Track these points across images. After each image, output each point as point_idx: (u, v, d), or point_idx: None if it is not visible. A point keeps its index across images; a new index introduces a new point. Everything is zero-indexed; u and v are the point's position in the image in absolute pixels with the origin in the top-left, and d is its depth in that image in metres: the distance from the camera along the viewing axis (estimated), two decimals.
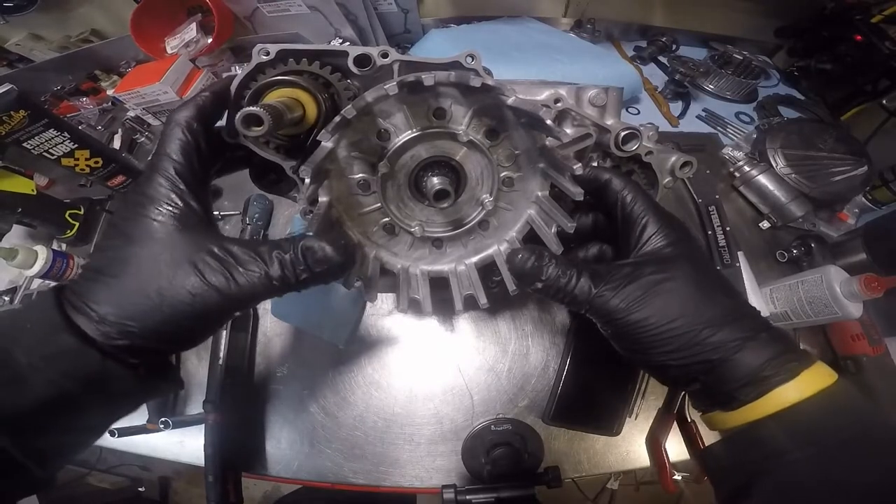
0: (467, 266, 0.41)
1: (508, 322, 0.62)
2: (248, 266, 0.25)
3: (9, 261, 0.58)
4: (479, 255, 0.41)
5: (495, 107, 0.34)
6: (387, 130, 0.35)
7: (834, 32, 0.76)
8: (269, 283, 0.25)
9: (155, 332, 0.24)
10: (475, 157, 0.37)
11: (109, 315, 0.24)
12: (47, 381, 0.22)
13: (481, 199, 0.38)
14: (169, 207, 0.26)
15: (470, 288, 0.40)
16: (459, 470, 0.56)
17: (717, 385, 0.26)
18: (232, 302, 0.25)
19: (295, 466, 0.57)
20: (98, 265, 0.25)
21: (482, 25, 0.90)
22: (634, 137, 0.37)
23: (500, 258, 0.40)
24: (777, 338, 0.25)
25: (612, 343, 0.29)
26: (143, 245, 0.25)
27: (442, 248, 0.41)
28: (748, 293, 0.60)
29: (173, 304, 0.24)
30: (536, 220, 0.38)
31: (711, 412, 0.28)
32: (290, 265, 0.26)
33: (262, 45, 0.31)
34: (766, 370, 0.24)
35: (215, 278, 0.25)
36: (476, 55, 0.33)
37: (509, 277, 0.37)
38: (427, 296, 0.40)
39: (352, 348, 0.61)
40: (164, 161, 0.27)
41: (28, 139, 0.61)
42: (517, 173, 0.38)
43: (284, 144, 0.33)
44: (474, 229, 0.40)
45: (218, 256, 0.25)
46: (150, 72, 0.78)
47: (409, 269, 0.41)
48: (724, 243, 0.62)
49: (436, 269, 0.41)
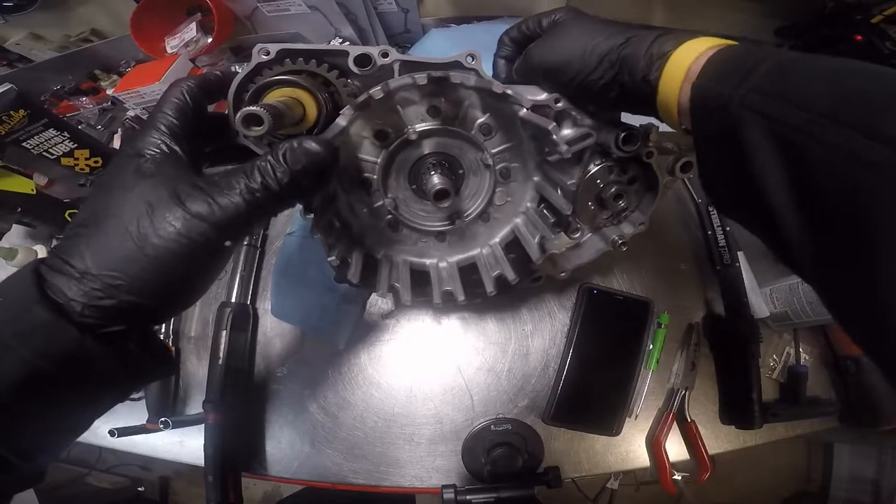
0: (449, 264, 0.42)
1: (508, 322, 0.62)
2: (230, 186, 0.24)
3: (8, 260, 0.58)
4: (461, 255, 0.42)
5: (486, 102, 0.34)
6: (383, 132, 0.35)
7: (834, 32, 0.76)
8: (252, 196, 0.24)
9: (142, 281, 0.23)
10: (471, 152, 0.37)
11: (92, 268, 0.22)
12: (20, 360, 0.20)
13: (481, 192, 0.39)
14: (153, 151, 0.25)
15: (450, 284, 0.41)
16: (459, 470, 0.56)
17: (631, 82, 0.29)
18: (219, 229, 0.24)
19: (295, 466, 0.57)
20: (80, 219, 0.24)
21: (482, 25, 0.90)
22: (635, 137, 0.37)
23: (483, 261, 0.41)
24: (654, 28, 0.29)
25: (553, 88, 0.35)
26: (124, 188, 0.24)
27: (445, 241, 0.42)
28: (748, 293, 0.60)
29: (157, 243, 0.23)
30: (522, 231, 0.40)
31: (648, 110, 0.31)
32: (270, 170, 0.25)
33: (262, 45, 0.31)
34: (654, 47, 0.28)
35: (196, 206, 0.23)
36: (476, 55, 0.33)
37: (489, 280, 0.39)
38: (407, 286, 0.40)
39: (352, 348, 0.61)
40: (157, 116, 0.26)
41: (28, 139, 0.61)
42: (514, 164, 0.39)
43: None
44: (475, 221, 0.41)
45: (200, 186, 0.24)
46: (149, 71, 0.78)
47: (393, 257, 0.42)
48: (724, 243, 0.62)
49: (419, 262, 0.42)
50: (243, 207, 0.24)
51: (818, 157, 0.19)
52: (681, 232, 0.67)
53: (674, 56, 0.27)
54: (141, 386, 0.31)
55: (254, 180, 0.24)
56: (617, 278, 0.64)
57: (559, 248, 0.47)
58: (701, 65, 0.25)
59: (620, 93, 0.30)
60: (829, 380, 0.62)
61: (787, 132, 0.20)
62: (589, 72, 0.31)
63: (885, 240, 0.17)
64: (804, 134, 0.20)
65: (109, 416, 0.59)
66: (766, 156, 0.21)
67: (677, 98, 0.26)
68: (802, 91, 0.20)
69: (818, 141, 0.19)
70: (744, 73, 0.22)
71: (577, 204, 0.40)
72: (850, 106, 0.19)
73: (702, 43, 0.26)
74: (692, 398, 0.59)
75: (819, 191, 0.20)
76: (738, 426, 0.57)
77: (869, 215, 0.18)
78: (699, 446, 0.57)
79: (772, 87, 0.21)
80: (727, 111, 0.23)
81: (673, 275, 0.65)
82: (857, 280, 0.19)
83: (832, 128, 0.19)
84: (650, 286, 0.64)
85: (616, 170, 0.40)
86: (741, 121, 0.22)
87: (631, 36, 0.29)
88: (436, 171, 0.36)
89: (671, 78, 0.27)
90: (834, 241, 0.20)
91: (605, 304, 0.60)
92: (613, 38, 0.30)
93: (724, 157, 0.24)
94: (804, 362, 0.62)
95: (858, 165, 0.18)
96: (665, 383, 0.60)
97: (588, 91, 0.32)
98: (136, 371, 0.25)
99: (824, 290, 0.22)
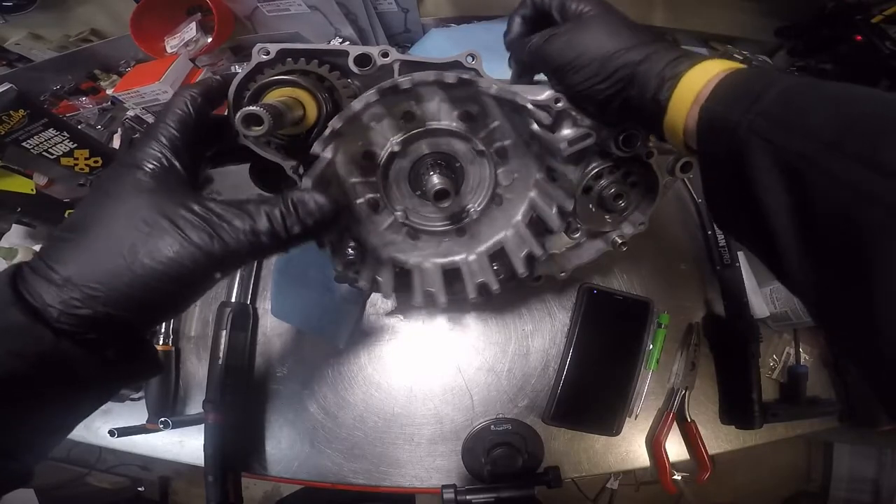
0: (478, 255, 0.42)
1: (508, 322, 0.62)
2: (233, 221, 0.24)
3: (8, 260, 0.58)
4: (487, 243, 0.42)
5: (479, 99, 0.34)
6: (380, 134, 0.35)
7: (834, 32, 0.76)
8: (256, 238, 0.24)
9: (124, 296, 0.22)
10: (469, 150, 0.38)
11: (73, 276, 0.22)
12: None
13: (481, 189, 0.39)
14: (153, 164, 0.25)
15: (482, 275, 0.41)
16: (459, 470, 0.56)
17: (640, 99, 0.29)
18: (214, 262, 0.24)
19: (295, 466, 0.57)
20: (69, 223, 0.24)
21: (482, 25, 0.90)
22: (635, 137, 0.37)
23: (509, 243, 0.41)
24: (674, 48, 0.29)
25: (557, 84, 0.34)
26: (120, 200, 0.24)
27: (450, 240, 0.42)
28: (748, 293, 0.60)
29: (147, 263, 0.22)
30: (538, 203, 0.39)
31: (654, 132, 0.31)
32: (279, 218, 0.25)
33: (262, 45, 0.31)
34: (667, 70, 0.28)
35: (197, 235, 0.23)
36: (476, 55, 0.34)
37: (520, 262, 0.39)
38: (441, 288, 0.41)
39: (352, 348, 0.61)
40: (159, 126, 0.26)
41: (27, 139, 0.61)
42: (513, 159, 0.38)
43: (285, 144, 0.33)
44: (478, 219, 0.41)
45: (199, 213, 0.24)
46: (149, 71, 0.78)
47: (421, 264, 0.42)
48: (724, 243, 0.62)
49: (447, 261, 0.42)
50: (245, 248, 0.24)
51: (820, 186, 0.19)
52: (681, 232, 0.67)
53: (685, 78, 0.27)
54: (124, 387, 0.31)
55: (261, 223, 0.24)
56: (617, 278, 0.64)
57: (559, 247, 0.47)
58: (711, 88, 0.25)
59: (624, 106, 0.31)
60: (829, 380, 0.62)
61: (792, 159, 0.21)
62: (599, 81, 0.30)
63: (882, 275, 0.17)
64: (807, 162, 0.20)
65: (109, 417, 0.60)
66: (770, 181, 0.21)
67: (685, 119, 0.27)
68: (807, 119, 0.21)
69: (821, 170, 0.19)
70: (752, 98, 0.23)
71: (577, 204, 0.40)
72: (852, 136, 0.19)
73: (714, 65, 0.26)
74: (692, 398, 0.59)
75: (820, 219, 0.20)
76: (738, 426, 0.57)
77: (867, 249, 0.18)
78: (699, 446, 0.57)
79: (778, 114, 0.22)
80: (735, 135, 0.23)
81: (673, 275, 0.65)
82: (854, 312, 0.19)
83: (834, 157, 0.19)
84: (650, 286, 0.64)
85: (616, 170, 0.40)
86: (748, 145, 0.22)
87: (651, 52, 0.29)
88: (434, 172, 0.36)
89: (681, 100, 0.27)
90: (833, 272, 0.20)
91: (605, 304, 0.60)
92: (634, 51, 0.29)
93: (729, 180, 0.25)
94: (804, 362, 0.62)
95: (859, 197, 0.18)
96: (665, 383, 0.60)
97: (590, 98, 0.32)
98: (116, 374, 0.25)
99: (822, 319, 0.23)
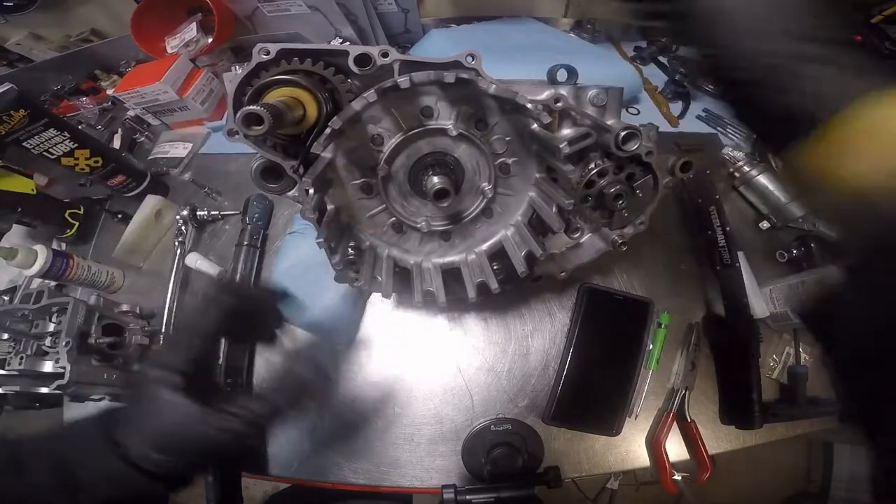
0: (477, 254, 0.42)
1: (508, 322, 0.62)
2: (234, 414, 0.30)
3: (8, 260, 0.58)
4: (487, 242, 0.42)
5: (478, 99, 0.34)
6: (380, 135, 0.35)
7: None
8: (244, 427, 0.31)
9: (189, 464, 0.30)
10: (469, 149, 0.38)
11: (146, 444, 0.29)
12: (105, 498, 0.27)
13: (481, 188, 0.39)
14: (181, 377, 0.30)
15: (481, 275, 0.41)
16: (459, 470, 0.56)
17: (799, 101, 0.23)
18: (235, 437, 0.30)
19: (295, 466, 0.57)
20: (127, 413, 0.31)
21: (482, 25, 0.90)
22: (635, 137, 0.37)
23: (509, 242, 0.41)
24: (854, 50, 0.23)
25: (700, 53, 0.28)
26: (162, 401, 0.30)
27: (451, 239, 0.42)
28: (748, 293, 0.60)
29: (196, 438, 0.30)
30: (537, 202, 0.39)
31: (789, 147, 0.25)
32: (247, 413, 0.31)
33: (263, 45, 0.31)
34: (832, 89, 0.21)
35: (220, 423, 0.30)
36: (476, 55, 0.34)
37: (520, 261, 0.39)
38: (440, 287, 0.41)
39: (352, 348, 0.61)
40: (192, 342, 0.32)
41: (28, 139, 0.61)
42: (512, 158, 0.38)
43: (285, 144, 0.33)
44: (479, 218, 0.41)
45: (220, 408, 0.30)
46: (150, 71, 0.78)
47: (421, 264, 0.42)
48: (724, 243, 0.62)
49: (447, 261, 0.42)
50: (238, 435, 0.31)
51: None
52: (681, 232, 0.67)
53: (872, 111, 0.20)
54: None
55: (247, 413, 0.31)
56: (617, 278, 0.64)
57: (559, 247, 0.47)
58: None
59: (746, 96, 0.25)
60: (829, 380, 0.62)
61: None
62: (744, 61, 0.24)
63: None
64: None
65: None
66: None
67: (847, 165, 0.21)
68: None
69: None
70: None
71: (576, 203, 0.40)
72: None
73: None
74: (692, 398, 0.59)
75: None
76: (738, 426, 0.57)
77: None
78: (699, 446, 0.57)
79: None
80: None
81: (673, 275, 0.65)
82: None
83: None
84: (650, 286, 0.64)
85: (616, 170, 0.40)
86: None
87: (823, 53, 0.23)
88: (434, 171, 0.36)
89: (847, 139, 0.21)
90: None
91: (605, 304, 0.60)
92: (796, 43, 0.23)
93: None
94: (804, 362, 0.62)
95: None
96: (665, 383, 0.60)
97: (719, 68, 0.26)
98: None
99: None
